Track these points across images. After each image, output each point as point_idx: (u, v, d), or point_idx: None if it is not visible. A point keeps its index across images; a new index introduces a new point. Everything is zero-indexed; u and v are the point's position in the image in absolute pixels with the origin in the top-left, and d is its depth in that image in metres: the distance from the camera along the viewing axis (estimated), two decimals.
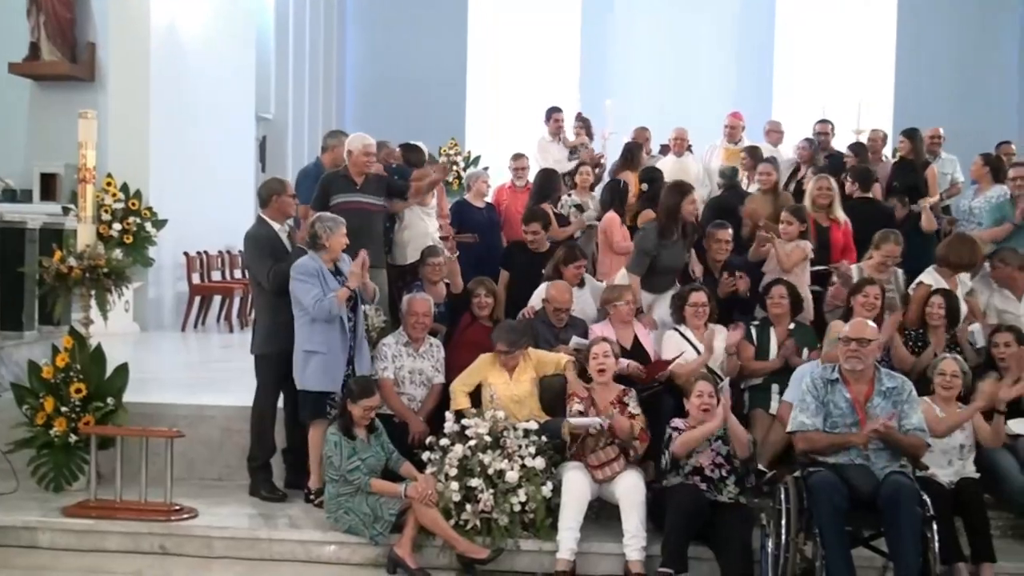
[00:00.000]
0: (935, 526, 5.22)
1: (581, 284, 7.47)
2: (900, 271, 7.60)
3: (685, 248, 7.53)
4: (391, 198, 7.64)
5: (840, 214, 8.11)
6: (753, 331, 7.00)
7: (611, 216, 8.31)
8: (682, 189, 7.46)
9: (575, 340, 6.85)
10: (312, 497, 6.46)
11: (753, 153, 9.83)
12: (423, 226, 8.04)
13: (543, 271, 7.52)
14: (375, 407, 6.08)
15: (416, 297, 6.95)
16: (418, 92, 16.76)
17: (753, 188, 9.15)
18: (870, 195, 8.60)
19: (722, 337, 6.92)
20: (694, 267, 7.66)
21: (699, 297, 6.92)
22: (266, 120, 15.86)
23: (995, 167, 9.00)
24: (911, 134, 9.97)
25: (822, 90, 15.28)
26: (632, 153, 9.54)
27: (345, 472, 5.94)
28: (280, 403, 6.75)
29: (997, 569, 5.69)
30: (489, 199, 9.49)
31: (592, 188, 9.57)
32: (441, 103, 16.66)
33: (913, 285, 7.40)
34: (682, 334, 6.91)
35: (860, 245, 7.90)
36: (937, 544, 5.20)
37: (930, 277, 7.29)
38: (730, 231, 7.79)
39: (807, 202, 8.15)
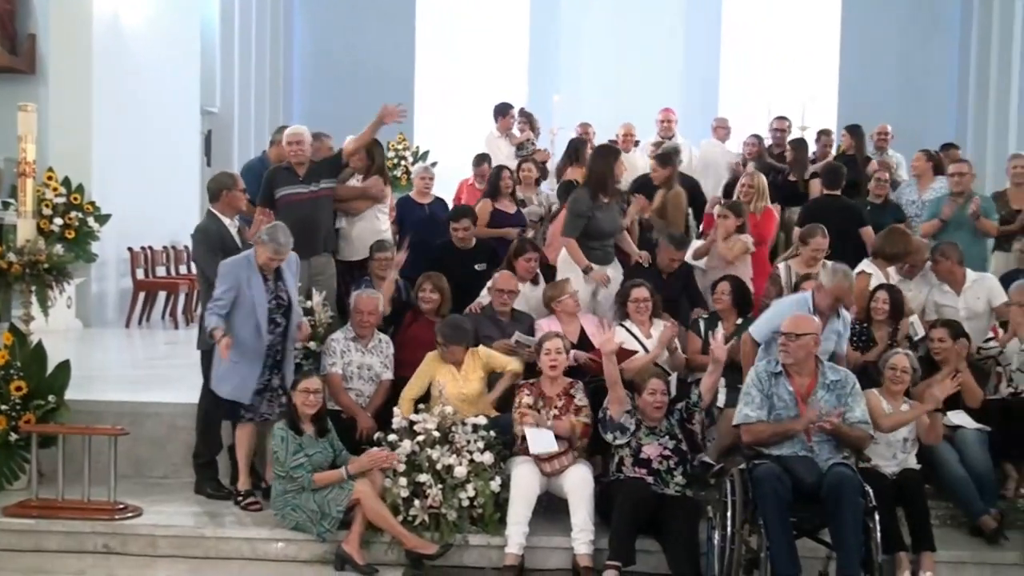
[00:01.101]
0: (877, 516, 5.32)
1: (536, 281, 7.50)
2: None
3: (619, 212, 7.63)
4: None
5: (763, 207, 8.28)
6: (702, 324, 7.06)
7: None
8: (612, 152, 7.63)
9: (517, 335, 6.86)
10: (240, 499, 6.37)
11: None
12: (376, 223, 8.03)
13: (476, 267, 7.58)
14: (314, 390, 6.01)
15: (363, 295, 6.91)
16: (366, 86, 16.63)
17: None
18: (837, 192, 8.71)
19: (660, 329, 7.00)
20: (639, 257, 7.70)
21: (640, 293, 6.95)
22: (211, 114, 15.67)
23: (936, 162, 9.21)
24: (853, 130, 10.18)
25: (768, 87, 15.47)
26: (577, 149, 9.57)
27: (289, 469, 5.90)
28: None
29: (936, 558, 5.81)
30: (445, 195, 9.40)
31: (537, 183, 9.60)
32: (389, 98, 16.48)
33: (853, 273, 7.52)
34: (628, 329, 6.95)
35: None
36: (879, 534, 5.30)
37: (868, 267, 7.43)
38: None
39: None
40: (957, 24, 16.66)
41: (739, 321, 7.01)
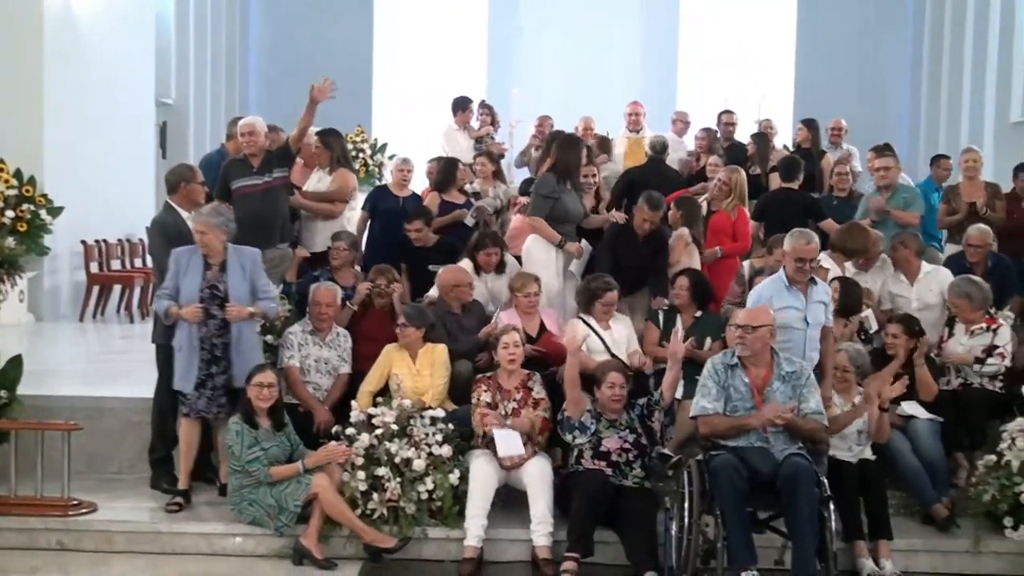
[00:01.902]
0: (832, 506, 5.38)
1: (501, 270, 7.53)
2: None
3: (580, 199, 7.76)
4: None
5: (730, 203, 8.33)
6: (661, 316, 7.10)
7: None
8: (579, 143, 7.86)
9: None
10: (174, 506, 6.19)
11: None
12: (340, 218, 8.08)
13: (429, 267, 7.64)
14: (268, 384, 5.97)
15: (321, 287, 6.89)
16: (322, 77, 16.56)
17: None
18: (794, 185, 8.78)
19: (625, 324, 7.04)
20: (616, 217, 7.73)
21: (612, 297, 6.96)
22: (167, 105, 15.48)
23: (879, 153, 9.38)
24: (809, 123, 10.29)
25: (725, 81, 15.55)
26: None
27: (245, 463, 5.86)
28: None
29: (892, 546, 5.90)
30: (418, 189, 9.37)
31: (495, 176, 9.57)
32: (347, 89, 16.35)
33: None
34: (586, 322, 6.97)
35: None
36: (834, 523, 5.37)
37: (826, 262, 7.52)
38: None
39: None
40: (910, 19, 16.87)
41: (698, 314, 7.05)
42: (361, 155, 14.28)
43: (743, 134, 11.03)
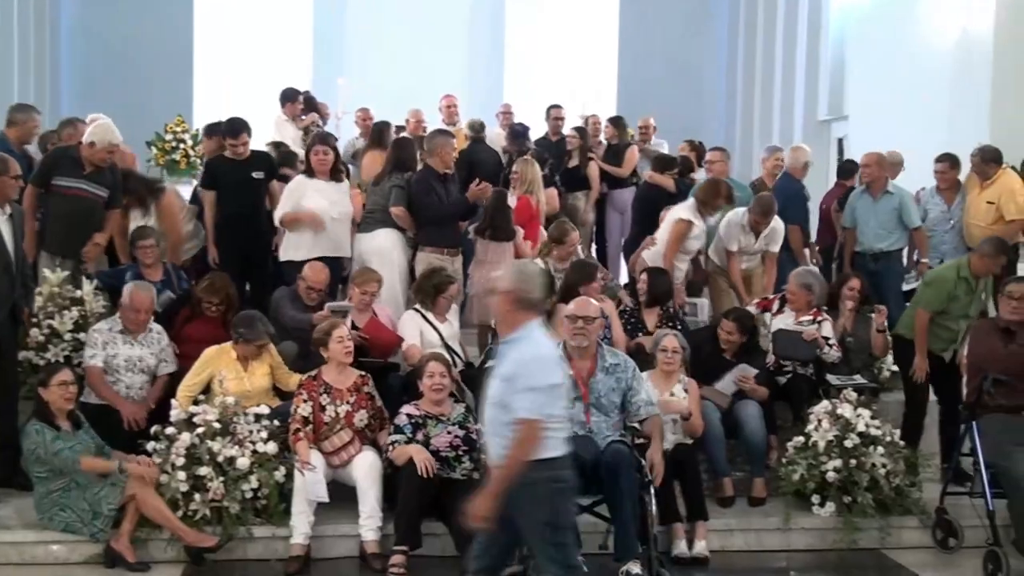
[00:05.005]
0: (652, 490, 5.56)
1: (338, 177, 7.79)
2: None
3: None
4: (126, 195, 7.49)
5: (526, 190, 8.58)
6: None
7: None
8: (411, 143, 8.27)
9: (329, 305, 6.92)
10: None
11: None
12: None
13: (253, 175, 7.81)
14: (71, 382, 5.80)
15: (139, 291, 6.60)
16: (142, 66, 15.89)
17: None
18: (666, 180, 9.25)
19: (456, 315, 7.13)
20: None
21: (454, 291, 7.05)
22: None
23: (700, 152, 10.05)
24: (615, 121, 10.76)
25: (551, 76, 15.78)
26: (381, 133, 9.55)
27: (51, 456, 5.63)
28: None
29: (708, 526, 6.14)
30: None
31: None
32: (166, 78, 15.85)
33: (674, 220, 8.02)
34: (423, 315, 6.98)
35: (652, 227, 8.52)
36: (654, 507, 5.55)
37: (691, 215, 7.95)
38: None
39: None
40: (726, 20, 17.49)
41: None
42: (182, 145, 13.81)
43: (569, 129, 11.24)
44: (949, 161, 8.53)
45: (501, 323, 4.47)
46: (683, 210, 8.06)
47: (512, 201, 8.24)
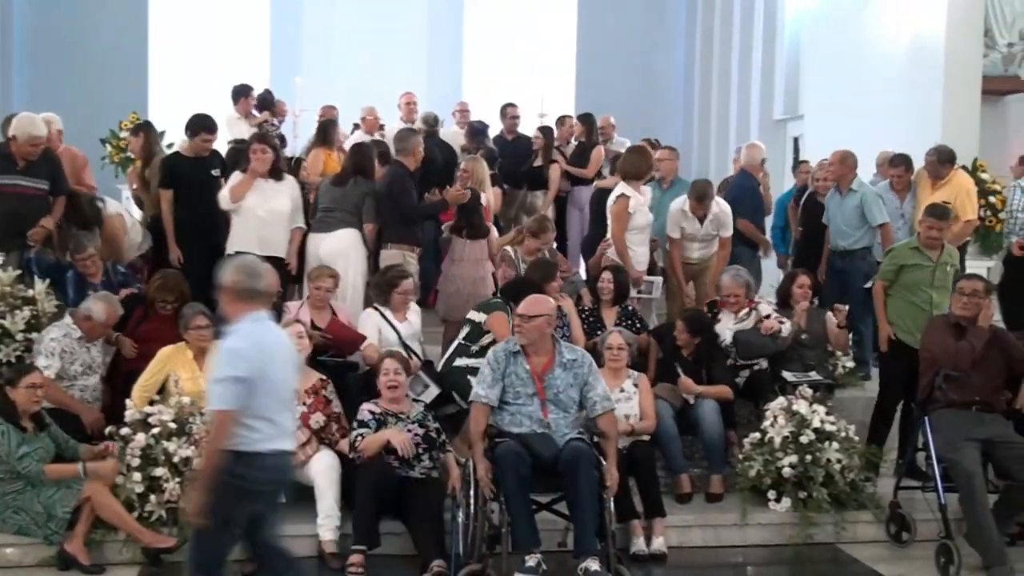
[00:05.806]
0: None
1: (278, 176, 7.66)
2: None
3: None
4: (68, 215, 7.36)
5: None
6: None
7: None
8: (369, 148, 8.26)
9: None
10: None
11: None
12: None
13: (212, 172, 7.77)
14: (40, 383, 5.75)
15: (103, 303, 6.48)
16: (95, 63, 15.66)
17: None
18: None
19: (416, 314, 7.10)
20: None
21: (407, 286, 7.01)
22: None
23: (652, 147, 9.96)
24: (584, 118, 10.69)
25: (510, 72, 15.78)
26: (326, 130, 9.50)
27: (14, 462, 5.56)
28: None
29: (666, 523, 6.22)
30: None
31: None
32: (120, 73, 15.64)
33: (613, 199, 8.10)
34: (382, 314, 6.96)
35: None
36: (612, 504, 5.58)
37: (625, 189, 8.04)
38: None
39: None
40: (683, 20, 17.59)
41: None
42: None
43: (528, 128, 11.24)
44: (905, 165, 8.65)
45: (226, 316, 4.46)
46: (616, 189, 8.16)
47: None
